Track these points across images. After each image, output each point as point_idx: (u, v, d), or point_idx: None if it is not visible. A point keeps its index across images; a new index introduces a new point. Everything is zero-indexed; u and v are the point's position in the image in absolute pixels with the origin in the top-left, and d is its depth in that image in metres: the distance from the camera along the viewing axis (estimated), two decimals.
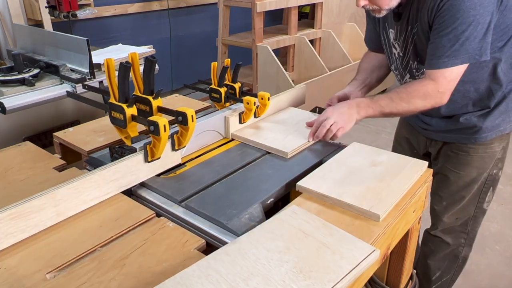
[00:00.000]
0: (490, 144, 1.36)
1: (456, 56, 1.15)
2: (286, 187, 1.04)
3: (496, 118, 1.33)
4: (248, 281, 0.69)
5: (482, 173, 1.40)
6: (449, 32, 1.14)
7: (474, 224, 1.48)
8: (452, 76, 1.18)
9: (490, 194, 1.45)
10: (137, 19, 3.74)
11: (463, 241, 1.51)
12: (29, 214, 0.83)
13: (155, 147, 1.01)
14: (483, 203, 1.45)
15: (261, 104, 1.31)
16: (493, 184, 1.44)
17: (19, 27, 2.01)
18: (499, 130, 1.34)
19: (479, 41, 1.14)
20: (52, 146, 1.31)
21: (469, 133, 1.35)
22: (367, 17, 1.50)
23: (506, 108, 1.33)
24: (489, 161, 1.39)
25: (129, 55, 1.01)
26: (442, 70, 1.18)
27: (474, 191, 1.42)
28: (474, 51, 1.15)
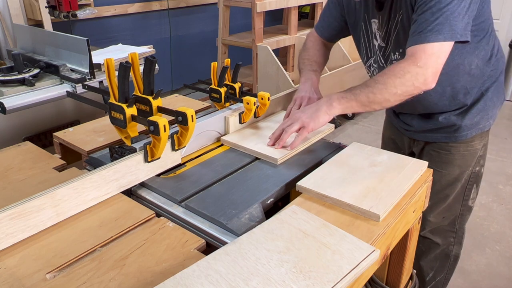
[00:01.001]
0: (471, 142, 1.35)
1: (440, 31, 1.06)
2: (286, 187, 1.04)
3: (475, 116, 1.31)
4: (248, 281, 0.69)
5: (465, 171, 1.39)
6: (432, 5, 1.07)
7: (461, 222, 1.48)
8: (433, 51, 1.06)
9: (474, 191, 1.44)
10: (137, 19, 3.74)
11: (453, 240, 1.51)
12: (29, 214, 0.83)
13: (155, 147, 1.01)
14: (468, 200, 1.45)
15: (261, 104, 1.31)
16: (476, 181, 1.43)
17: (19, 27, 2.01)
18: (478, 127, 1.33)
19: (462, 19, 1.07)
20: (52, 146, 1.31)
21: (449, 132, 1.34)
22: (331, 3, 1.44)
23: (484, 106, 1.32)
24: (471, 158, 1.38)
25: (129, 55, 1.01)
26: (422, 44, 1.07)
27: (458, 189, 1.41)
28: (458, 29, 1.06)
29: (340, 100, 1.13)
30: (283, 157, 1.13)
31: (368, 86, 1.11)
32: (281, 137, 1.16)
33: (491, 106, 1.34)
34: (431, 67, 1.07)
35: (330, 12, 1.45)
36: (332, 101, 1.14)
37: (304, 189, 0.98)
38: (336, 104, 1.13)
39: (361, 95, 1.11)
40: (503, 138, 3.38)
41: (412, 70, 1.07)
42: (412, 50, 1.09)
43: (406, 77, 1.07)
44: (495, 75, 1.33)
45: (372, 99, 1.10)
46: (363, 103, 1.11)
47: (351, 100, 1.12)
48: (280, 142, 1.15)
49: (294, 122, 1.15)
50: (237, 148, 1.20)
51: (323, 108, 1.14)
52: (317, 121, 1.14)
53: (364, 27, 1.35)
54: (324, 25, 1.48)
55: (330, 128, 1.31)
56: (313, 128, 1.14)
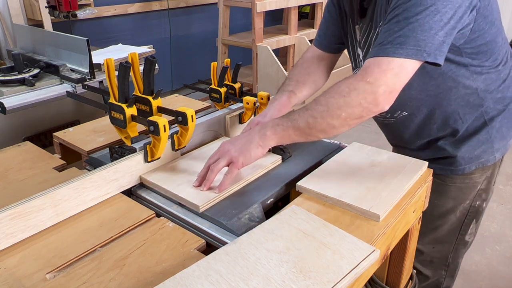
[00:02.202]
0: (470, 175, 1.18)
1: (402, 44, 0.86)
2: (286, 187, 1.04)
3: (475, 148, 1.15)
4: (248, 281, 0.69)
5: (460, 204, 1.23)
6: (399, 13, 0.88)
7: (455, 256, 1.33)
8: (389, 67, 0.87)
9: (473, 226, 1.28)
10: (137, 19, 3.74)
11: (444, 273, 1.36)
12: (29, 214, 0.83)
13: (155, 147, 1.01)
14: (465, 235, 1.29)
15: (261, 104, 1.31)
16: (476, 216, 1.26)
17: (19, 27, 2.01)
18: (479, 162, 1.16)
19: (434, 34, 0.87)
20: (52, 146, 1.31)
21: (444, 164, 1.18)
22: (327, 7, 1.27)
23: (487, 137, 1.14)
24: (469, 192, 1.21)
25: (129, 55, 1.01)
26: (378, 58, 0.89)
27: (453, 222, 1.26)
28: (426, 46, 0.86)
29: (275, 129, 0.94)
30: (206, 204, 0.92)
31: (308, 110, 0.92)
32: (207, 176, 0.95)
33: (498, 137, 1.15)
34: (384, 85, 0.87)
35: (325, 18, 1.29)
36: (265, 130, 0.95)
37: (304, 189, 0.98)
38: (270, 133, 0.94)
39: (299, 120, 0.91)
40: None
41: (359, 87, 0.87)
42: (366, 64, 0.91)
43: (352, 95, 0.87)
44: (504, 102, 1.14)
45: (313, 125, 0.90)
46: (303, 130, 0.92)
47: (288, 128, 0.93)
48: (207, 182, 0.94)
49: (221, 157, 0.96)
50: (159, 190, 0.99)
51: (255, 139, 0.95)
52: (248, 156, 0.95)
53: (349, 33, 1.20)
54: (321, 33, 1.30)
55: (277, 161, 1.10)
56: (243, 164, 0.95)
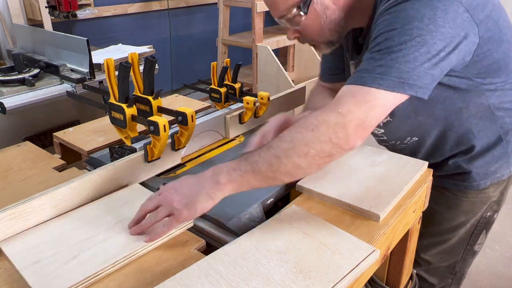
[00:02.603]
0: (484, 189, 1.15)
1: (383, 75, 0.78)
2: (286, 187, 1.04)
3: (491, 164, 1.11)
4: (248, 281, 0.69)
5: (472, 217, 1.20)
6: (381, 42, 0.82)
7: (462, 266, 1.30)
8: (366, 98, 0.78)
9: (482, 236, 1.25)
10: (137, 19, 3.74)
11: (450, 281, 1.33)
12: (29, 214, 0.83)
13: (155, 147, 1.01)
14: (474, 245, 1.25)
15: (261, 104, 1.31)
16: (486, 227, 1.23)
17: (19, 27, 2.01)
18: (495, 177, 1.13)
19: (418, 66, 0.79)
20: (52, 146, 1.31)
21: (458, 179, 1.14)
22: None
23: (503, 152, 1.10)
24: (481, 205, 1.18)
25: (129, 55, 1.01)
26: (355, 86, 0.80)
27: (462, 234, 1.23)
28: (410, 78, 0.79)
29: (230, 175, 0.77)
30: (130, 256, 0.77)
31: (270, 148, 0.78)
32: (142, 223, 0.81)
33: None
34: (356, 119, 0.77)
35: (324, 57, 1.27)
36: (219, 177, 0.78)
37: (303, 189, 0.98)
38: (224, 181, 0.78)
39: (260, 162, 0.77)
40: None
41: (330, 119, 0.77)
42: (340, 93, 0.82)
43: (321, 129, 0.76)
44: None
45: (276, 167, 0.76)
46: (264, 174, 0.77)
47: (246, 172, 0.77)
48: (137, 229, 0.80)
49: (162, 205, 0.80)
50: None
51: (205, 189, 0.78)
52: (193, 210, 0.78)
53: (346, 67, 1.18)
54: (324, 69, 1.28)
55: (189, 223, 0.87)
56: (186, 219, 0.80)
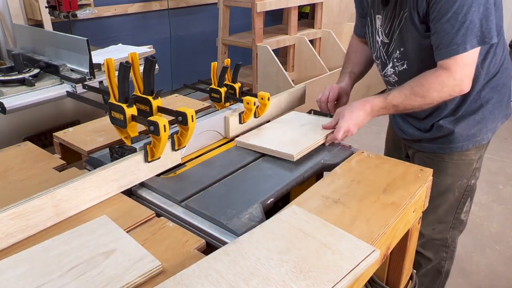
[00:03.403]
0: (466, 152, 1.32)
1: (465, 41, 1.08)
2: (286, 187, 1.04)
3: (471, 127, 1.29)
4: (248, 281, 0.69)
5: (457, 181, 1.36)
6: (450, 17, 1.08)
7: (453, 236, 1.45)
8: (465, 61, 1.11)
9: (468, 204, 1.41)
10: (137, 19, 3.74)
11: (445, 255, 1.47)
12: (29, 214, 0.83)
13: (155, 147, 1.01)
14: (461, 214, 1.41)
15: (261, 104, 1.31)
16: (470, 194, 1.40)
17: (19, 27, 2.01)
18: (475, 140, 1.31)
19: (484, 22, 1.08)
20: (52, 146, 1.31)
21: (443, 143, 1.32)
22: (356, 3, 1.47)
23: (482, 117, 1.29)
24: (465, 169, 1.35)
25: (129, 55, 1.01)
26: (454, 57, 1.11)
27: (451, 201, 1.38)
28: (482, 33, 1.09)
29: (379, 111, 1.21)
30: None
31: (407, 98, 1.16)
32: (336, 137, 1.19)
33: (491, 119, 1.30)
34: (467, 77, 1.12)
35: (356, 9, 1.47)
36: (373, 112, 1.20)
37: (239, 142, 1.22)
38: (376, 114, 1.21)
39: (400, 106, 1.18)
40: (503, 138, 3.38)
41: (449, 84, 1.12)
42: (445, 64, 1.12)
43: (444, 90, 1.13)
44: (498, 87, 1.29)
45: (409, 109, 1.19)
46: (400, 111, 1.20)
47: (389, 111, 1.21)
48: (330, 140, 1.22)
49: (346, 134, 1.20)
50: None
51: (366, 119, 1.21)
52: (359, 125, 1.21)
53: (369, 22, 1.35)
54: (357, 23, 1.50)
55: None
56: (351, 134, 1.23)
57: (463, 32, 1.08)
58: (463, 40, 1.08)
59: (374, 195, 0.96)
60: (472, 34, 1.08)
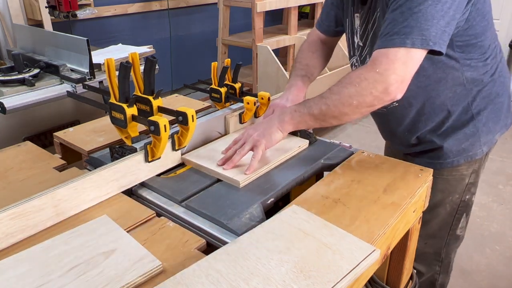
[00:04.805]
0: (457, 167, 1.21)
1: (407, 35, 0.90)
2: (286, 187, 1.04)
3: (462, 141, 1.18)
4: (248, 281, 0.69)
5: (448, 197, 1.25)
6: (402, 3, 0.92)
7: (448, 251, 1.36)
8: (397, 56, 0.91)
9: (463, 220, 1.31)
10: (137, 19, 3.74)
11: (438, 269, 1.38)
12: (29, 214, 0.83)
13: (155, 147, 1.01)
14: (456, 230, 1.32)
15: (261, 104, 1.31)
16: (466, 210, 1.30)
17: (19, 27, 2.01)
18: (467, 155, 1.19)
19: (436, 23, 0.90)
20: (52, 146, 1.31)
21: (432, 157, 1.21)
22: None
23: (474, 131, 1.17)
24: (457, 184, 1.23)
25: (129, 55, 1.01)
26: (386, 49, 0.92)
27: (443, 216, 1.28)
28: (430, 35, 0.90)
29: (292, 115, 1.03)
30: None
31: (322, 98, 0.99)
32: (233, 158, 1.05)
33: (485, 132, 1.19)
34: (394, 74, 0.91)
35: (327, 2, 1.34)
36: (284, 116, 1.04)
37: (187, 160, 1.11)
38: (288, 119, 1.03)
39: (314, 108, 0.99)
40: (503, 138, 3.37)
41: (369, 77, 0.92)
42: (375, 55, 0.95)
43: (363, 85, 0.93)
44: (490, 97, 1.17)
45: (326, 112, 0.98)
46: (317, 117, 1.00)
47: (304, 114, 1.01)
48: (230, 163, 1.04)
49: (246, 141, 1.06)
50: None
51: (275, 124, 1.05)
52: (269, 139, 1.05)
53: (349, 21, 1.22)
54: (322, 17, 1.36)
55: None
56: (266, 146, 1.05)
57: (410, 23, 0.90)
58: (406, 32, 0.90)
59: (374, 195, 0.97)
60: (418, 30, 0.90)
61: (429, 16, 0.90)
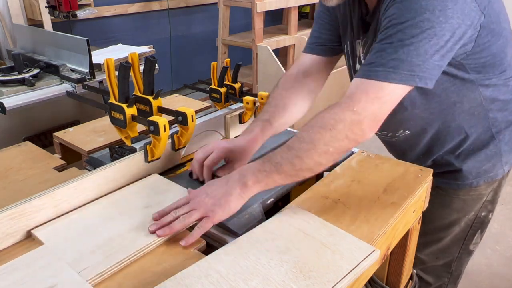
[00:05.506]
0: (476, 187, 1.15)
1: (395, 68, 0.81)
2: (286, 187, 1.04)
3: (483, 163, 1.11)
4: (248, 281, 0.69)
5: (465, 216, 1.20)
6: (392, 33, 0.83)
7: (458, 265, 1.31)
8: (378, 94, 0.81)
9: (478, 236, 1.26)
10: (137, 19, 3.74)
11: (447, 280, 1.34)
12: (29, 214, 0.83)
13: (155, 147, 1.01)
14: (469, 245, 1.27)
15: (261, 104, 1.31)
16: (481, 227, 1.25)
17: (19, 27, 2.01)
18: (488, 176, 1.13)
19: (428, 59, 0.82)
20: (52, 146, 1.31)
21: (449, 178, 1.14)
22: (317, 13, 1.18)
23: (496, 151, 1.11)
24: (474, 204, 1.18)
25: (129, 55, 1.01)
26: (368, 81, 0.82)
27: (457, 233, 1.23)
28: (420, 70, 0.81)
29: (256, 176, 0.83)
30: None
31: (291, 149, 0.83)
32: (172, 225, 0.81)
33: (507, 150, 1.12)
34: (370, 115, 0.81)
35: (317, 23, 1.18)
36: (246, 179, 0.83)
37: None
38: (251, 182, 0.83)
39: (283, 163, 0.82)
40: None
41: (346, 118, 0.81)
42: (353, 88, 0.84)
43: (338, 127, 0.80)
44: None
45: (299, 167, 0.82)
46: (288, 174, 0.83)
47: (271, 173, 0.82)
48: (167, 230, 0.80)
49: (194, 208, 0.83)
50: None
51: (235, 190, 0.83)
52: (227, 209, 0.82)
53: (349, 46, 1.13)
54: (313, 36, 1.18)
55: None
56: (220, 219, 0.82)
57: (400, 57, 0.81)
58: (394, 66, 0.81)
59: (374, 195, 0.96)
60: (408, 65, 0.81)
61: (422, 51, 0.81)
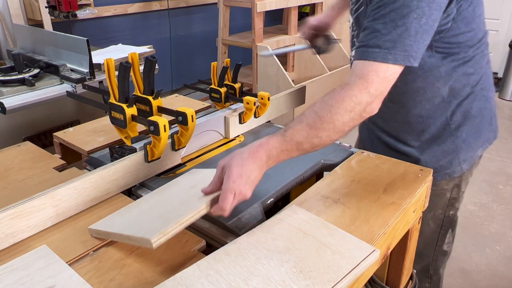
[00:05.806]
0: (436, 182, 1.15)
1: (390, 50, 0.87)
2: (286, 187, 1.04)
3: (440, 158, 1.13)
4: (248, 281, 0.69)
5: (429, 212, 1.20)
6: (385, 13, 0.88)
7: (436, 268, 1.32)
8: (386, 74, 0.88)
9: (449, 235, 1.28)
10: (137, 19, 3.74)
11: (428, 285, 1.35)
12: (29, 214, 0.83)
13: (155, 147, 1.01)
14: (443, 245, 1.29)
15: (261, 104, 1.31)
16: (451, 226, 1.26)
17: (19, 27, 2.01)
18: (445, 173, 1.15)
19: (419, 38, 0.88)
20: (52, 146, 1.31)
21: None
22: None
23: (453, 147, 1.12)
24: (437, 200, 1.19)
25: (129, 55, 1.01)
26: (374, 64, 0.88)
27: (428, 234, 1.25)
28: (412, 50, 0.88)
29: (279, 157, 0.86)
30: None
31: (312, 128, 0.86)
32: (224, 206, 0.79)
33: (465, 148, 1.14)
34: (380, 94, 0.88)
35: None
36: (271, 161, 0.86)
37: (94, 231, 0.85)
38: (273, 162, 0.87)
39: (305, 143, 0.86)
40: (503, 138, 3.39)
41: (363, 100, 0.86)
42: (363, 70, 0.88)
43: (357, 109, 0.86)
44: (471, 111, 1.12)
45: (317, 144, 0.87)
46: (306, 150, 0.87)
47: (292, 151, 0.87)
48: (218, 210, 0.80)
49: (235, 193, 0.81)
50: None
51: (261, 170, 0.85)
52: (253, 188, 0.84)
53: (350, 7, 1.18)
54: None
55: None
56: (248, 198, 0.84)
57: (393, 38, 0.87)
58: (389, 47, 0.87)
59: (374, 195, 0.97)
60: (401, 46, 0.87)
61: (412, 31, 0.86)
